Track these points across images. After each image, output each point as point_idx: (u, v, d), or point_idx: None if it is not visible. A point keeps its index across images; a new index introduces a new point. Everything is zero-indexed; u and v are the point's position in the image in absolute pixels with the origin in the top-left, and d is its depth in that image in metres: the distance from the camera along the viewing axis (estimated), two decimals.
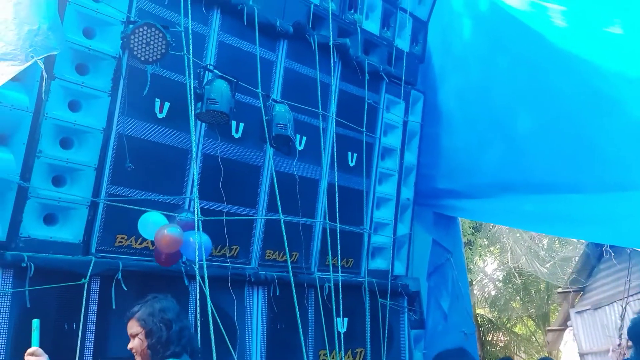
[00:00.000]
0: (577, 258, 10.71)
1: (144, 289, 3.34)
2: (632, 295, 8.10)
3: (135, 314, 2.57)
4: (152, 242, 3.35)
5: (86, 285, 3.15)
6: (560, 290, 10.85)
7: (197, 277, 3.23)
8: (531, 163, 4.89)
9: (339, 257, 4.26)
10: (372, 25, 4.86)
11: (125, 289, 3.29)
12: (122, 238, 3.42)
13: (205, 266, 3.17)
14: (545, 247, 13.05)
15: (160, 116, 3.57)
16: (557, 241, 12.91)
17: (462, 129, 5.44)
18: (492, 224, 12.43)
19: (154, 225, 3.17)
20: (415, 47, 5.23)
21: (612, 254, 8.77)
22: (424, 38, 5.30)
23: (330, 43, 4.32)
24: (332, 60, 4.38)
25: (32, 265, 2.96)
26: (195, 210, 3.29)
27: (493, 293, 15.32)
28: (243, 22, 3.92)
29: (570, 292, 10.03)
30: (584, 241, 9.89)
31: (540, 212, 4.94)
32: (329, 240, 4.22)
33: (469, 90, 5.36)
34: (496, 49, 5.11)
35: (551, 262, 12.02)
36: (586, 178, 4.56)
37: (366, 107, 4.77)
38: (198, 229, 3.25)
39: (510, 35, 4.78)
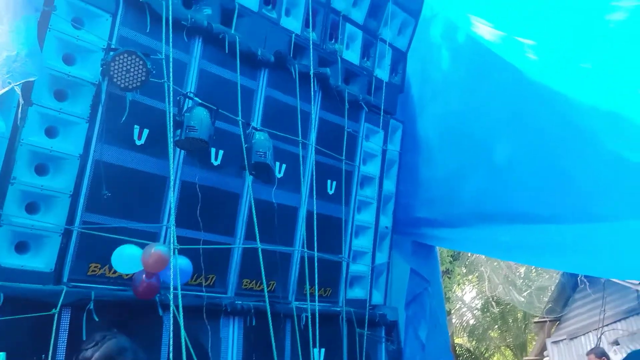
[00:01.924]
0: (553, 287, 10.82)
1: (116, 320, 3.27)
2: (606, 325, 8.18)
3: None
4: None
5: (56, 315, 3.05)
6: (536, 319, 10.91)
7: (171, 307, 3.17)
8: (509, 193, 4.95)
9: (317, 286, 4.23)
10: (352, 55, 4.93)
11: (97, 319, 3.20)
12: (95, 267, 3.35)
13: (180, 295, 3.11)
14: (522, 276, 13.17)
15: (138, 143, 3.54)
16: (533, 270, 13.04)
17: (441, 159, 5.50)
18: (470, 253, 12.51)
19: (129, 258, 3.11)
20: (394, 77, 5.31)
21: (587, 283, 8.88)
22: (403, 68, 5.38)
23: (311, 72, 4.37)
24: (312, 89, 4.42)
25: (2, 294, 2.87)
26: (172, 238, 3.24)
27: (471, 322, 15.34)
28: (225, 50, 3.94)
29: (546, 321, 10.10)
30: (559, 271, 10.00)
31: (517, 242, 4.99)
32: (307, 269, 4.19)
33: (447, 121, 5.45)
34: (474, 81, 5.22)
35: (528, 292, 12.12)
36: (562, 209, 4.63)
37: (346, 136, 4.81)
38: (174, 257, 3.19)
39: (487, 67, 4.89)
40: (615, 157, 4.22)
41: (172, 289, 3.12)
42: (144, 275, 3.18)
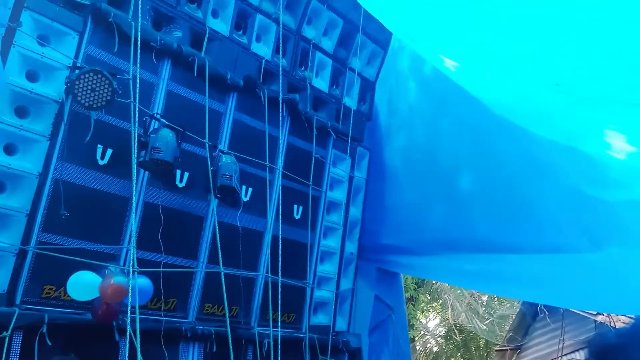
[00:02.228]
0: (514, 316, 10.96)
1: (70, 344, 3.17)
2: (565, 355, 8.31)
3: None
4: None
5: (7, 339, 2.94)
6: (498, 348, 11.01)
7: (128, 331, 3.08)
8: (471, 223, 5.04)
9: (280, 311, 4.18)
10: (322, 82, 5.00)
11: (50, 343, 3.09)
12: (50, 289, 3.25)
13: (138, 319, 3.03)
14: (484, 304, 13.31)
15: (101, 163, 3.48)
16: (495, 299, 13.21)
17: (407, 187, 5.58)
18: (434, 281, 12.61)
19: (86, 286, 3.02)
20: (362, 106, 5.40)
21: (547, 313, 9.03)
22: (371, 97, 5.48)
23: (280, 98, 4.40)
24: (281, 114, 4.44)
25: None
26: (132, 260, 3.17)
27: (435, 349, 15.37)
28: (194, 73, 3.94)
29: (507, 350, 10.20)
30: (520, 300, 10.15)
31: (479, 271, 5.06)
32: (270, 295, 4.15)
33: (413, 150, 5.54)
34: (440, 112, 5.34)
35: (490, 320, 12.24)
36: (522, 239, 4.73)
37: (313, 161, 4.83)
38: (133, 280, 3.12)
39: (452, 99, 5.02)
40: (573, 190, 4.35)
41: (129, 313, 3.04)
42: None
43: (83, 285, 3.07)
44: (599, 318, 8.19)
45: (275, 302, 4.12)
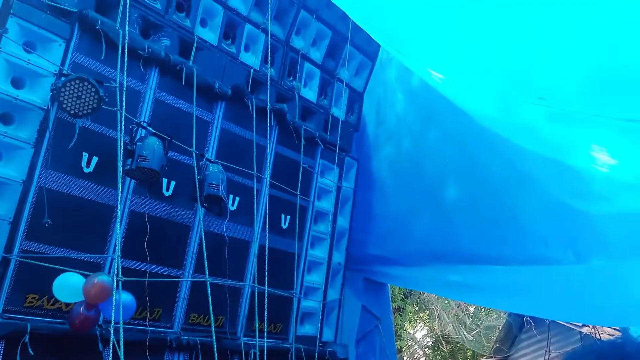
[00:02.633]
0: (500, 327, 10.98)
1: (52, 354, 3.12)
2: None
3: None
4: (66, 304, 3.15)
5: None
6: (485, 359, 11.01)
7: (112, 341, 3.04)
8: (458, 234, 5.07)
9: (267, 322, 4.15)
10: (310, 93, 5.02)
11: (32, 353, 3.04)
12: (33, 298, 3.20)
13: (122, 329, 3.00)
14: (471, 315, 13.34)
15: (86, 170, 3.46)
16: (482, 310, 13.23)
17: (394, 197, 5.60)
18: (421, 291, 12.62)
19: (71, 287, 2.99)
20: (350, 116, 5.42)
21: (533, 324, 9.06)
22: (359, 108, 5.51)
23: (268, 107, 4.40)
24: (269, 124, 4.44)
25: None
26: (116, 270, 3.14)
27: None
28: (181, 82, 3.94)
29: None
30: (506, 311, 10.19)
31: (464, 282, 5.08)
32: (257, 304, 4.12)
33: (400, 161, 5.57)
34: (426, 124, 5.38)
35: (477, 331, 12.25)
36: (508, 251, 4.76)
37: (301, 171, 4.83)
38: (117, 290, 3.09)
39: (438, 110, 5.06)
40: (557, 202, 4.39)
41: (113, 323, 3.00)
42: (81, 308, 3.05)
43: (69, 286, 3.03)
44: (585, 330, 8.23)
45: (261, 312, 4.10)
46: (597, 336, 7.74)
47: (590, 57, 3.02)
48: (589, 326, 8.06)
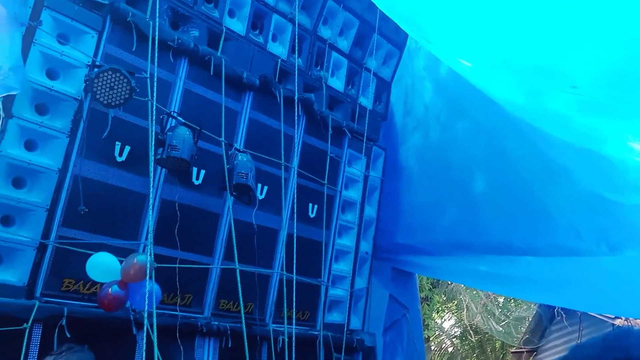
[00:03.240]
0: (530, 318, 10.86)
1: (88, 337, 3.23)
2: None
3: None
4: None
5: (27, 330, 3.01)
6: (514, 350, 10.92)
7: (145, 326, 3.13)
8: (486, 224, 5.01)
9: (295, 309, 4.20)
10: (337, 82, 5.01)
11: (69, 336, 3.16)
12: (69, 282, 3.32)
13: (155, 315, 3.09)
14: (500, 305, 13.21)
15: (119, 160, 3.55)
16: (512, 300, 13.10)
17: (421, 187, 5.57)
18: (449, 281, 12.55)
19: (104, 268, 3.08)
20: (378, 106, 5.40)
21: (564, 315, 8.93)
22: (386, 97, 5.48)
23: (296, 97, 4.42)
24: (296, 113, 4.47)
25: None
26: (149, 256, 3.23)
27: (450, 350, 15.28)
28: (210, 72, 3.99)
29: (523, 352, 10.11)
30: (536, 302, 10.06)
31: (494, 273, 5.03)
32: (285, 292, 4.18)
33: (428, 150, 5.53)
34: (455, 112, 5.32)
35: (506, 322, 12.14)
36: (538, 242, 4.70)
37: (328, 161, 4.85)
38: (150, 276, 3.18)
39: (467, 99, 4.99)
40: (590, 193, 4.30)
41: (146, 307, 3.09)
42: (110, 288, 3.13)
43: (103, 265, 3.12)
44: (617, 322, 8.08)
45: (290, 299, 4.16)
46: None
47: (626, 44, 2.94)
48: (621, 318, 7.91)
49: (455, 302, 14.04)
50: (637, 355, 0.98)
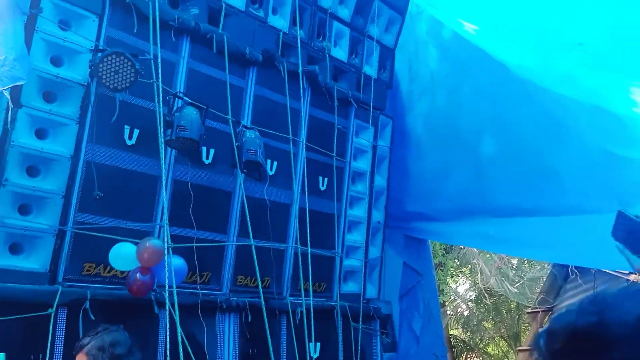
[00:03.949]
0: (544, 278, 10.92)
1: (112, 318, 3.28)
2: None
3: (85, 347, 2.46)
4: (121, 271, 3.31)
5: (53, 315, 3.09)
6: (529, 310, 11.01)
7: (167, 305, 3.20)
8: (495, 187, 5.01)
9: (311, 281, 4.26)
10: (341, 52, 4.97)
11: (94, 318, 3.23)
12: (90, 267, 3.38)
13: (175, 293, 3.15)
14: (514, 267, 13.28)
15: (129, 143, 3.57)
16: (525, 262, 13.16)
17: (429, 154, 5.56)
18: (461, 246, 12.61)
19: (127, 256, 3.14)
20: (382, 74, 5.36)
21: (578, 274, 8.96)
22: (391, 65, 5.43)
23: (300, 70, 4.40)
24: (301, 86, 4.46)
25: None
26: (166, 237, 3.28)
27: (465, 313, 15.45)
28: (213, 50, 3.97)
29: (539, 312, 10.19)
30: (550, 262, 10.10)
31: (505, 235, 5.05)
32: (300, 265, 4.23)
33: (434, 116, 5.50)
34: (460, 77, 5.27)
35: (520, 282, 12.22)
36: (547, 202, 4.69)
37: (336, 132, 4.85)
38: (169, 256, 3.23)
39: (473, 63, 4.94)
40: (599, 150, 4.28)
41: (167, 287, 3.15)
42: (137, 274, 3.21)
43: (125, 256, 3.18)
44: (632, 277, 8.11)
45: (305, 272, 4.21)
46: None
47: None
48: (636, 274, 7.93)
49: (469, 266, 14.13)
50: (610, 318, 0.94)
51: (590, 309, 0.97)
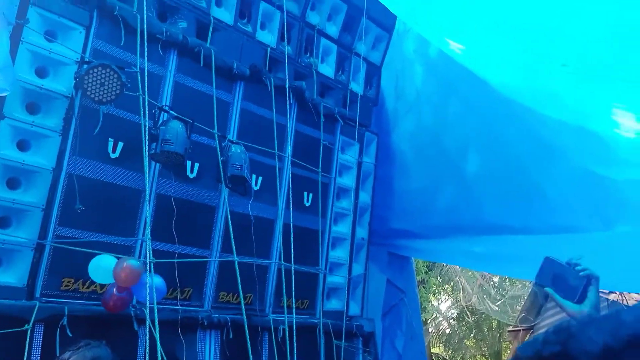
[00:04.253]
0: (526, 296, 10.98)
1: (90, 335, 3.21)
2: None
3: None
4: (101, 286, 3.25)
5: (29, 331, 3.00)
6: (510, 328, 11.05)
7: (147, 322, 3.14)
8: (481, 205, 5.04)
9: (294, 298, 4.22)
10: (327, 69, 4.99)
11: (71, 335, 3.15)
12: (68, 282, 3.30)
13: (156, 310, 3.09)
14: (496, 285, 13.35)
15: (113, 156, 3.52)
16: (507, 280, 13.23)
17: (415, 171, 5.58)
18: (445, 263, 12.65)
19: (106, 270, 3.08)
20: (369, 91, 5.39)
21: None
22: (377, 82, 5.47)
23: (287, 85, 4.41)
24: (288, 102, 4.46)
25: None
26: (148, 252, 3.22)
27: (447, 331, 15.45)
28: (200, 64, 3.95)
29: (520, 330, 10.23)
30: (531, 280, 10.16)
31: (489, 253, 5.07)
32: (284, 281, 4.19)
33: (421, 134, 5.54)
34: (446, 95, 5.33)
35: (501, 301, 12.27)
36: (533, 220, 4.73)
37: (322, 148, 4.85)
38: (150, 272, 3.17)
39: (459, 82, 5.00)
40: (583, 170, 4.34)
41: (147, 304, 3.09)
42: (114, 289, 3.14)
43: (104, 268, 3.11)
44: (612, 297, 8.19)
45: (288, 288, 4.17)
46: (625, 302, 7.70)
47: (612, 21, 2.95)
48: (615, 293, 8.02)
49: (452, 283, 14.17)
50: (575, 349, 0.91)
51: (554, 338, 0.96)
